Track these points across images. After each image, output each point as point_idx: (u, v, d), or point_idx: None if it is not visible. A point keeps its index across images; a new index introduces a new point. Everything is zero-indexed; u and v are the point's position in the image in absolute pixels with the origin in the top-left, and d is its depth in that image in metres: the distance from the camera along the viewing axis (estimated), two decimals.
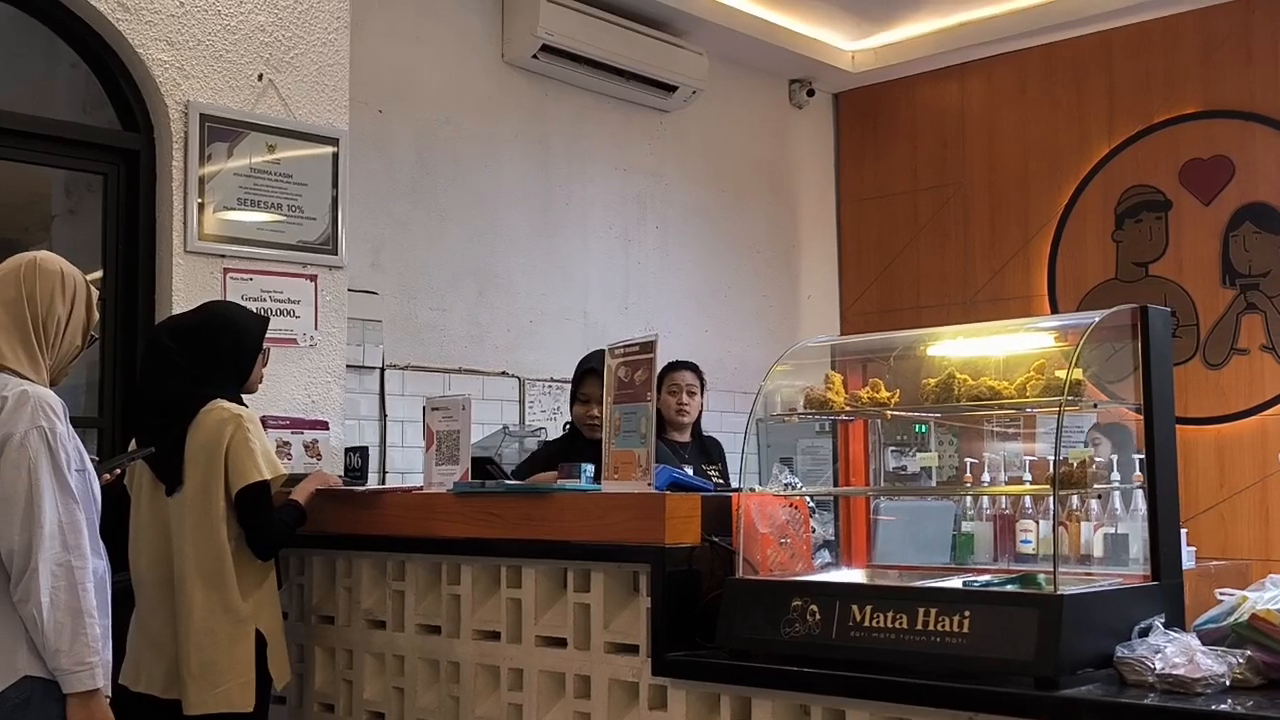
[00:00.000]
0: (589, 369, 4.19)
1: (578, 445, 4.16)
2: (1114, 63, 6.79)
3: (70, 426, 2.62)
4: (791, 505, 3.09)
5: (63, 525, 2.53)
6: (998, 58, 7.12)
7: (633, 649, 3.02)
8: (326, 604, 3.79)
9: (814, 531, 3.18)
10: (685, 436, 4.78)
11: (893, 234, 7.46)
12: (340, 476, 3.84)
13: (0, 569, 2.52)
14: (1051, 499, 2.78)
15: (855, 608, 2.66)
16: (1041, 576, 2.75)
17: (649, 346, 3.09)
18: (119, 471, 3.37)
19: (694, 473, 3.79)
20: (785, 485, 3.17)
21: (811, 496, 3.23)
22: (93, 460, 2.74)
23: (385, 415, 5.45)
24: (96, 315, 2.77)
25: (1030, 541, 3.08)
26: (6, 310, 2.63)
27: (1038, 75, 7.03)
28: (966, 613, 2.53)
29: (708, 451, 4.85)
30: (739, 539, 2.96)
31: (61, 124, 4.26)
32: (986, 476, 3.07)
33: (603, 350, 3.30)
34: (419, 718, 3.49)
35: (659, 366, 3.11)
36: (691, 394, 4.73)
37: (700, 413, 4.82)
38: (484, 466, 3.82)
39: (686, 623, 2.92)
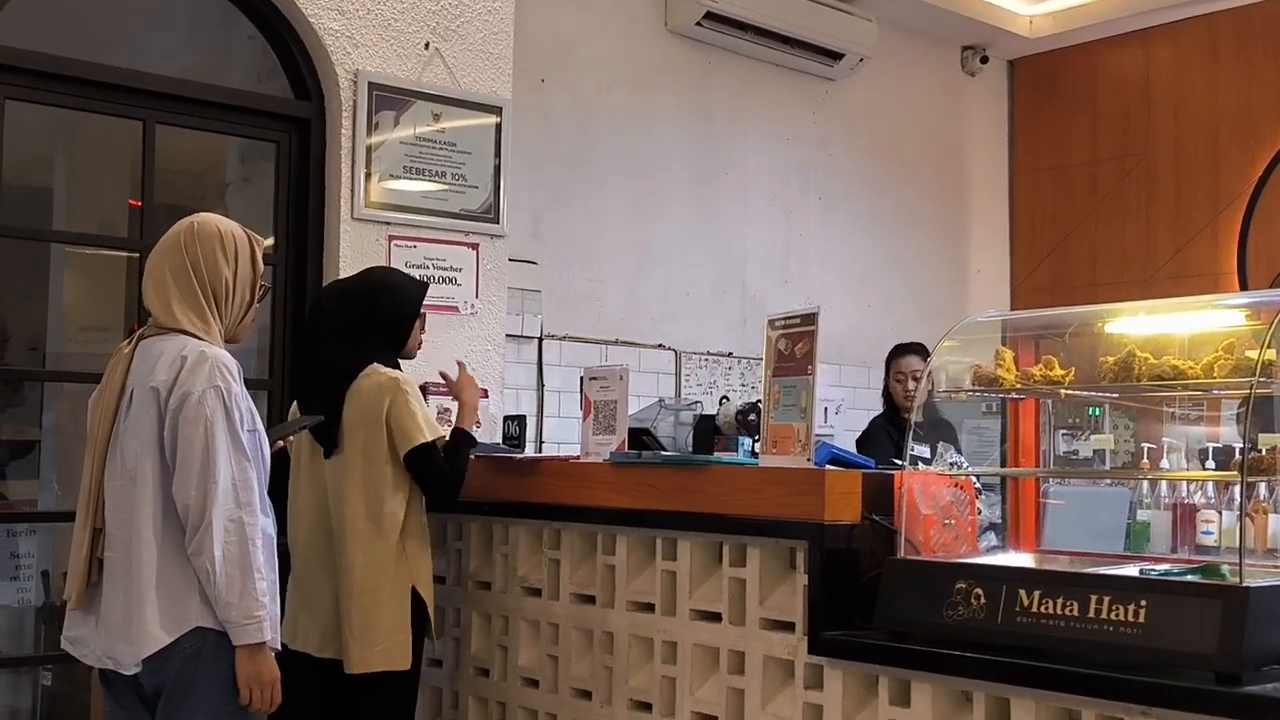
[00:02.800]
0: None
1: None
2: None
3: (244, 387, 2.73)
4: (957, 485, 3.04)
5: (236, 482, 2.64)
6: (1186, 21, 6.81)
7: (788, 626, 3.01)
8: (484, 570, 3.88)
9: (980, 513, 3.13)
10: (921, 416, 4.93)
11: (1069, 207, 7.22)
12: (501, 445, 3.92)
13: (175, 522, 2.65)
14: (1238, 487, 2.66)
15: (1023, 592, 2.60)
16: (1225, 567, 2.64)
17: (810, 319, 3.07)
18: (291, 438, 3.50)
19: (930, 454, 3.75)
20: (950, 465, 3.13)
21: (978, 477, 3.18)
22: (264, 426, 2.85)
23: (542, 385, 5.53)
24: (263, 266, 2.86)
25: (1212, 532, 2.96)
26: (176, 279, 2.74)
27: (1231, 40, 6.70)
28: (1143, 602, 2.44)
29: (941, 431, 4.92)
30: (901, 518, 2.92)
31: (237, 93, 4.43)
32: (1166, 462, 2.96)
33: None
34: (573, 686, 3.55)
35: (819, 340, 3.09)
36: (916, 379, 4.91)
37: None
38: (640, 438, 3.85)
39: (844, 602, 2.90)
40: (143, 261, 3.03)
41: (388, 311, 3.50)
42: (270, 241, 4.48)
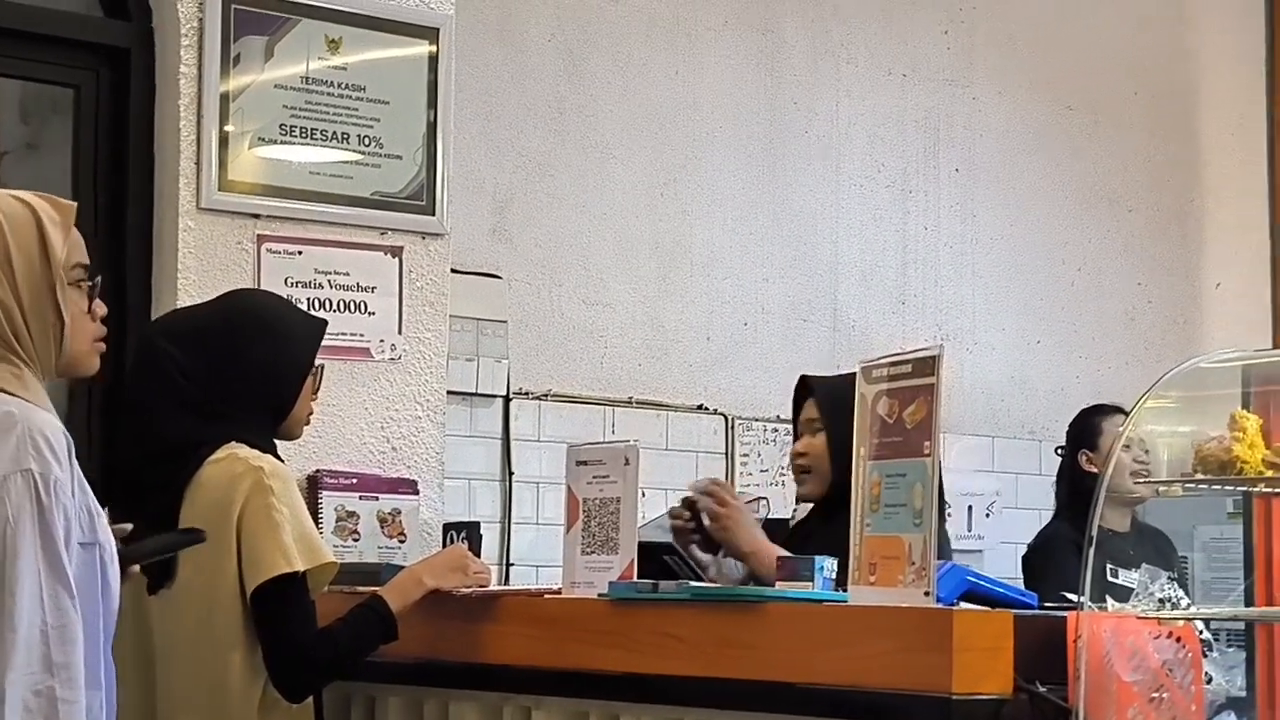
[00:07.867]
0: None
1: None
2: None
3: (79, 473, 2.69)
4: (1173, 636, 3.05)
5: (48, 630, 2.58)
6: None
7: None
8: None
9: (1208, 681, 3.12)
10: (1127, 523, 4.90)
11: None
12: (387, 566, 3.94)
13: None
14: None
15: None
16: None
17: (928, 365, 3.06)
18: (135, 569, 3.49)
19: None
20: (1161, 601, 3.14)
21: (1207, 621, 3.19)
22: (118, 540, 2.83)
23: (510, 473, 5.54)
24: (60, 252, 2.70)
25: None
26: None
27: None
28: None
29: (1159, 547, 4.88)
30: (1079, 689, 2.92)
31: (12, 8, 4.46)
32: None
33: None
34: None
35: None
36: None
37: None
38: (661, 558, 3.84)
39: None
40: None
41: (261, 361, 3.53)
42: None
